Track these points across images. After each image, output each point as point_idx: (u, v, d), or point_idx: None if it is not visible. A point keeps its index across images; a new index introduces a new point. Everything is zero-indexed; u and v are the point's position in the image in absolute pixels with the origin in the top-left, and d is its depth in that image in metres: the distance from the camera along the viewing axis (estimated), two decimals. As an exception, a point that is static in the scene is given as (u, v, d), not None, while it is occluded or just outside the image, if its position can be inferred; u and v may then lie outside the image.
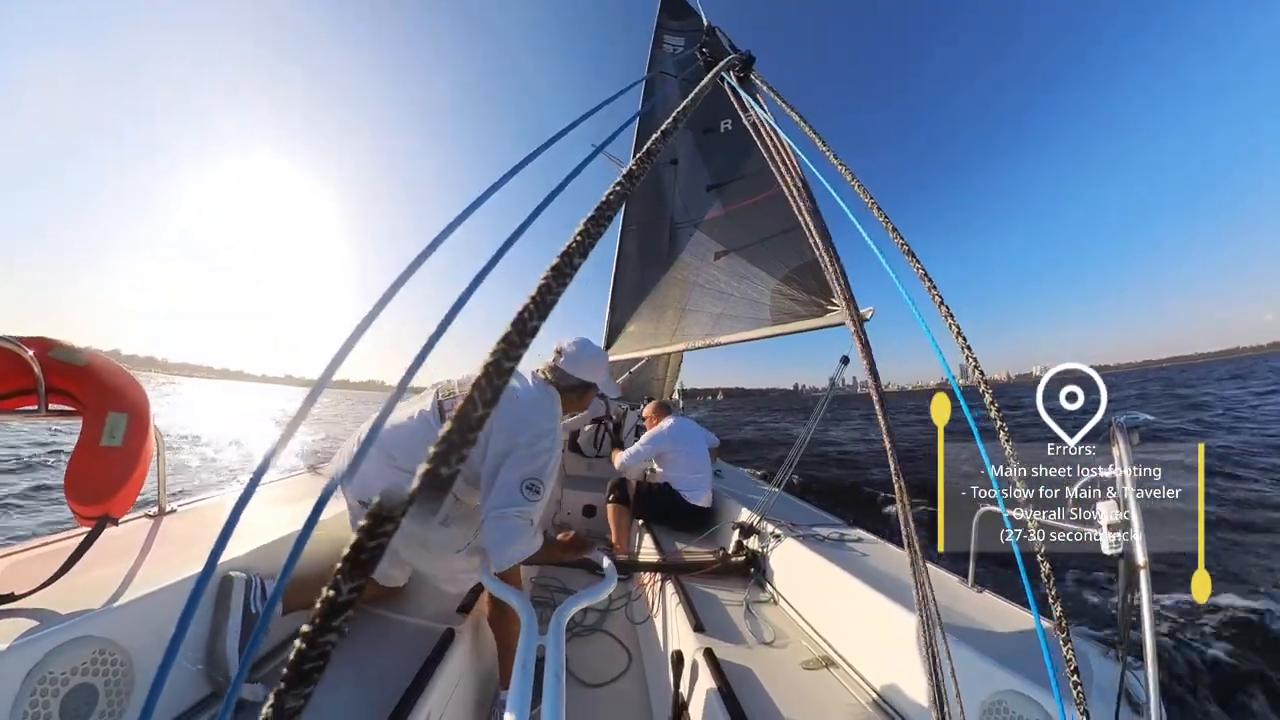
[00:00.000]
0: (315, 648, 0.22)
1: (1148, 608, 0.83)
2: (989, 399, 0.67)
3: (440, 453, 0.22)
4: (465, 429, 0.23)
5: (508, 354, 0.24)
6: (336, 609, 0.22)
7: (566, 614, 1.08)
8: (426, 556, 1.52)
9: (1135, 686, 0.97)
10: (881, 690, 1.39)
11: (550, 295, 0.27)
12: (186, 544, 1.46)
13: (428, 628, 1.52)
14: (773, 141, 1.12)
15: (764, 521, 2.31)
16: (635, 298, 5.44)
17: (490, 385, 0.23)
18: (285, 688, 0.22)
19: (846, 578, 1.71)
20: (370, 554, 0.23)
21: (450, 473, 0.22)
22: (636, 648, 2.04)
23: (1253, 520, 5.67)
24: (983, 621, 1.37)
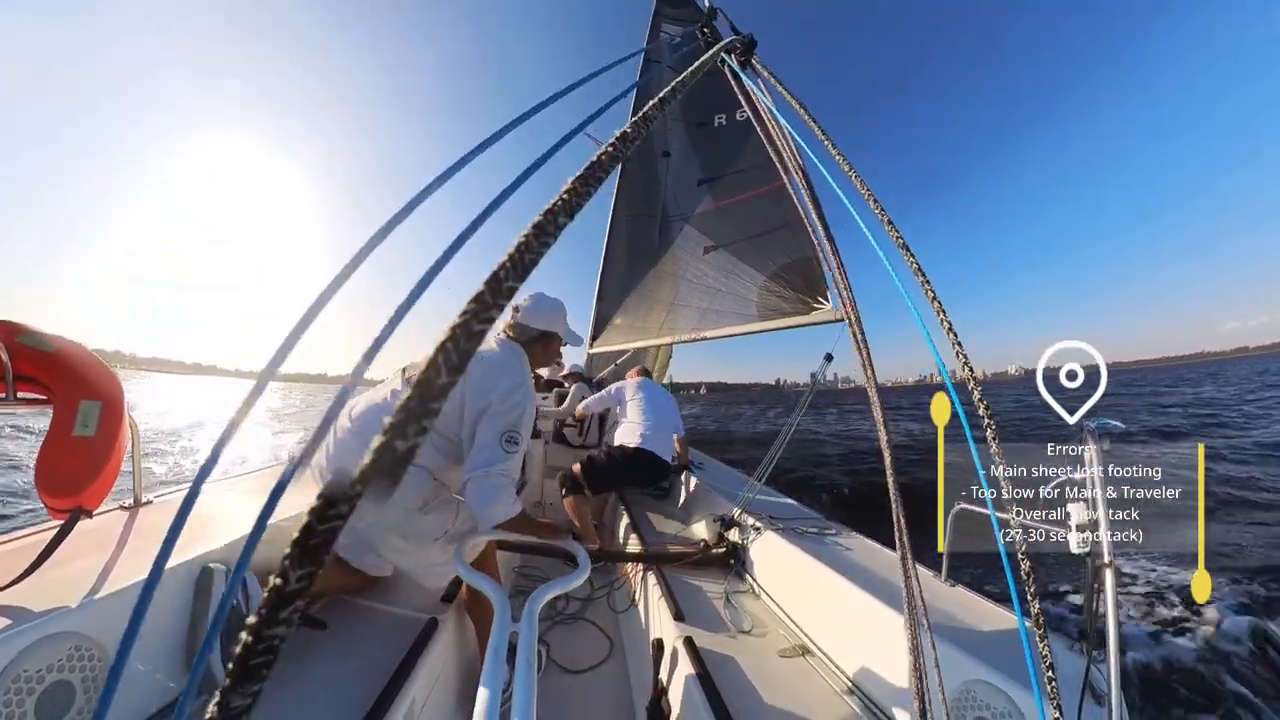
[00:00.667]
0: (262, 641, 0.20)
1: (1111, 604, 0.87)
2: (978, 397, 0.66)
3: (397, 423, 0.19)
4: (427, 397, 0.20)
5: (478, 315, 0.21)
6: (284, 599, 0.20)
7: (540, 601, 1.09)
8: (404, 548, 1.47)
9: (1098, 678, 1.00)
10: (855, 677, 1.43)
11: (530, 254, 0.24)
12: (164, 536, 1.42)
13: (411, 617, 1.50)
14: (773, 128, 1.09)
15: (745, 514, 2.34)
16: (623, 290, 5.39)
17: (457, 349, 0.20)
18: (231, 685, 0.20)
19: (824, 570, 1.75)
20: (321, 539, 0.20)
21: (408, 446, 0.19)
22: (618, 636, 2.06)
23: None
24: (955, 615, 1.41)
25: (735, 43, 1.04)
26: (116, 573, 1.17)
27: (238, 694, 0.20)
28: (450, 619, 1.55)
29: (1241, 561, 4.42)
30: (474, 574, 1.25)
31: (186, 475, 7.90)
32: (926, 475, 1.34)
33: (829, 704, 1.35)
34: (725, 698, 1.22)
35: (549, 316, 1.61)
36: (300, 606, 0.20)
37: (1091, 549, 0.94)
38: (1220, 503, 6.03)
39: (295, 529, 0.19)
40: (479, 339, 0.21)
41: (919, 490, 1.35)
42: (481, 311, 0.21)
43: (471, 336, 0.21)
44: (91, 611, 1.04)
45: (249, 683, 0.20)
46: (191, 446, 11.77)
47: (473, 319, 0.21)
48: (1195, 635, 3.23)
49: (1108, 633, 0.87)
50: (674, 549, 2.39)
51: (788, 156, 1.07)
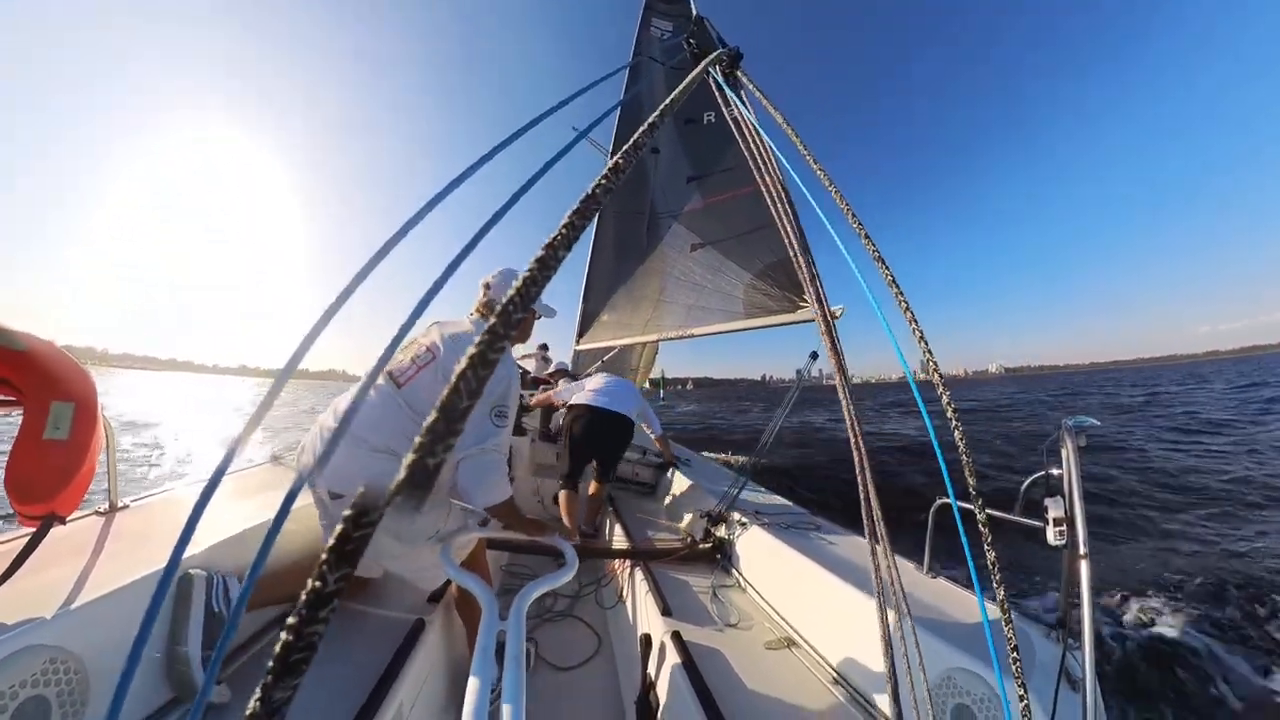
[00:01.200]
0: (302, 639, 0.22)
1: (1087, 594, 0.90)
2: (946, 399, 0.71)
3: (426, 443, 0.22)
4: (450, 419, 0.23)
5: (492, 345, 0.24)
6: (322, 600, 0.22)
7: (527, 599, 1.10)
8: (399, 551, 1.47)
9: (1074, 665, 1.04)
10: (839, 668, 1.46)
11: (534, 288, 0.27)
12: (141, 542, 1.39)
13: (399, 619, 1.51)
14: (754, 140, 1.13)
15: (731, 510, 2.39)
16: (609, 287, 5.41)
17: (475, 375, 0.24)
18: (273, 680, 0.22)
19: (808, 564, 1.79)
20: (356, 545, 0.23)
21: (436, 463, 0.22)
22: (606, 632, 2.09)
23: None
24: (935, 605, 1.46)
25: (721, 55, 1.08)
26: (93, 581, 1.14)
27: (279, 688, 0.22)
28: (438, 619, 1.55)
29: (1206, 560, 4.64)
30: (462, 573, 1.26)
31: (134, 477, 7.63)
32: (917, 475, 1.37)
33: (814, 694, 1.39)
34: (713, 690, 1.25)
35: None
36: (335, 606, 0.23)
37: (1068, 541, 0.97)
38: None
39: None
40: (494, 366, 0.24)
41: (915, 489, 1.41)
42: (495, 342, 0.24)
43: (487, 364, 0.24)
44: (67, 623, 1.02)
45: (290, 677, 0.22)
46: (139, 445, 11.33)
47: (487, 349, 0.24)
48: (1166, 625, 3.40)
49: (1083, 621, 0.90)
50: (661, 545, 2.42)
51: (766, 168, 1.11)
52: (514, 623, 0.99)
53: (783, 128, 0.94)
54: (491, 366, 0.24)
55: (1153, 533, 5.32)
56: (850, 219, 0.79)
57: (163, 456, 9.84)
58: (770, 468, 7.34)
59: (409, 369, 1.45)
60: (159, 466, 8.81)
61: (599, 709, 1.68)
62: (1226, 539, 5.01)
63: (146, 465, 8.87)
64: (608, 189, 0.36)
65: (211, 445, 11.67)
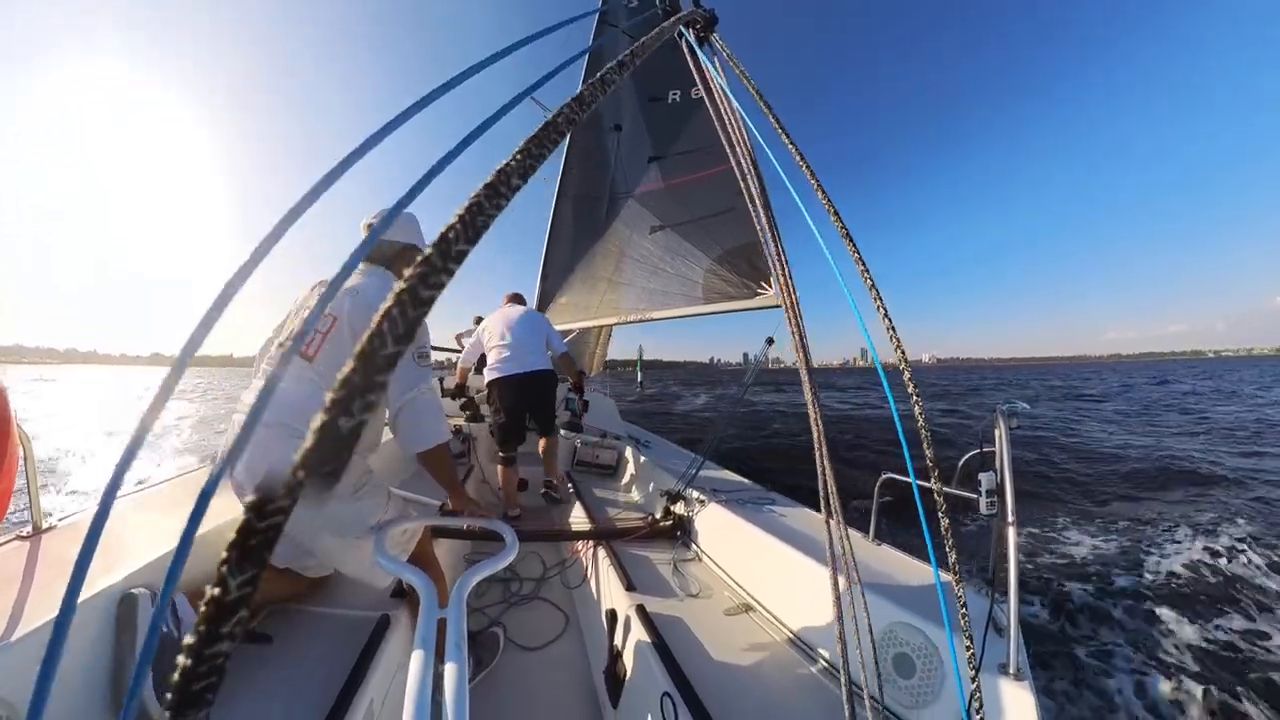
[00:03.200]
0: (203, 661, 0.18)
1: (1013, 554, 1.04)
2: (909, 382, 0.72)
3: (339, 399, 0.17)
4: (372, 369, 0.18)
5: (426, 280, 0.19)
6: (225, 610, 0.18)
7: (467, 585, 1.09)
8: (340, 545, 1.37)
9: (1000, 615, 1.17)
10: (793, 628, 1.57)
11: (481, 216, 0.22)
12: (76, 563, 1.21)
13: (361, 617, 1.45)
14: (725, 110, 1.09)
15: (690, 489, 2.44)
16: (568, 267, 5.27)
17: (404, 317, 0.19)
18: (173, 715, 0.18)
19: (762, 535, 1.89)
20: (262, 538, 0.18)
21: (352, 424, 0.17)
22: (573, 610, 2.12)
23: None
24: (879, 568, 1.58)
25: (696, 15, 1.02)
26: (26, 614, 1.02)
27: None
28: (403, 614, 1.50)
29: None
30: (397, 563, 1.22)
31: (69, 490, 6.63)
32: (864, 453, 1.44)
33: (772, 653, 1.48)
34: (677, 656, 1.31)
35: (406, 228, 1.57)
36: (244, 617, 0.18)
37: (998, 511, 1.08)
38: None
39: (225, 536, 0.17)
40: (428, 305, 0.19)
41: (864, 464, 1.50)
42: (430, 275, 0.19)
43: (420, 303, 0.19)
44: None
45: (193, 709, 0.18)
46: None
47: (420, 284, 0.19)
48: (1079, 579, 3.83)
49: (1009, 579, 1.04)
50: (623, 524, 2.45)
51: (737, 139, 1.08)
52: (454, 610, 0.98)
53: (756, 99, 0.91)
54: (425, 306, 0.19)
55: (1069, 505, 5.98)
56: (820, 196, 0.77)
57: (82, 466, 8.29)
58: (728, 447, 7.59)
59: (313, 338, 1.32)
60: (71, 476, 7.65)
61: (569, 683, 1.72)
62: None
63: (65, 478, 7.70)
64: (570, 119, 0.31)
65: (140, 448, 10.44)
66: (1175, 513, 5.48)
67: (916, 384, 0.73)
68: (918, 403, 0.70)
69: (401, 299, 0.19)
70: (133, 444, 0.32)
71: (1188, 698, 2.66)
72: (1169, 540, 4.68)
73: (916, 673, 1.23)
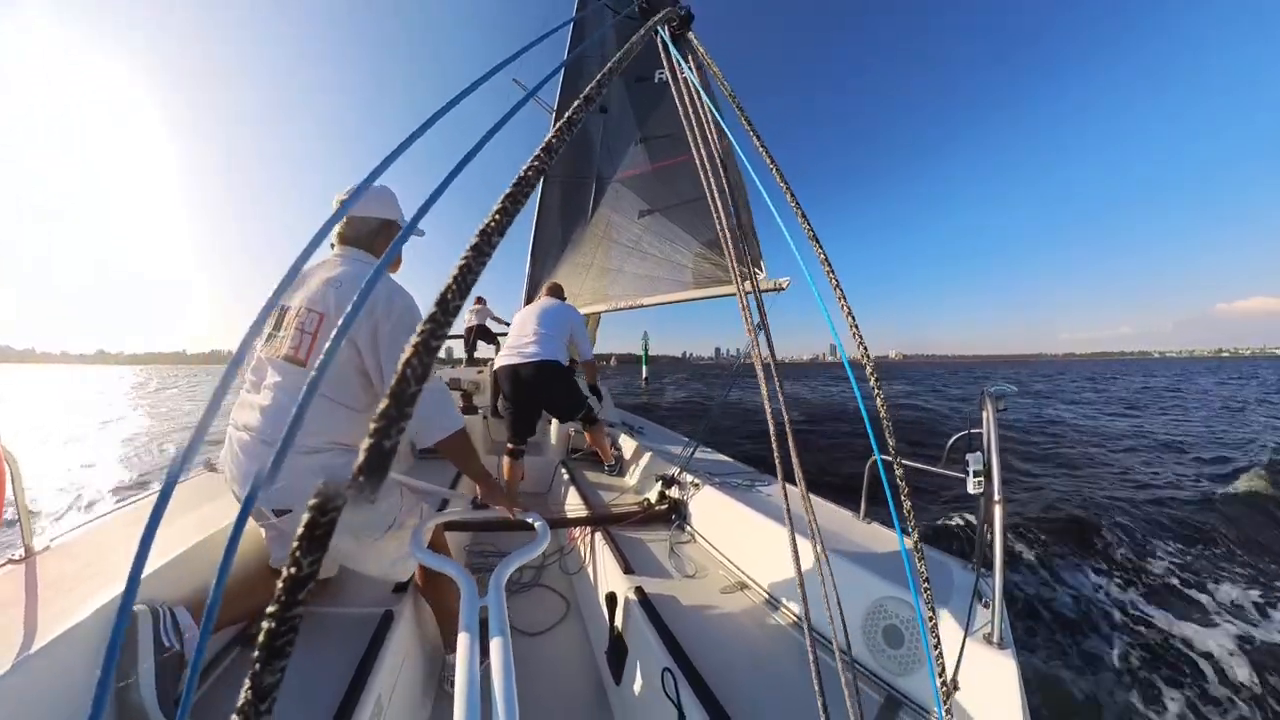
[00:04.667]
0: (284, 622, 0.24)
1: (999, 532, 1.08)
2: (872, 374, 0.79)
3: (380, 427, 0.24)
4: (402, 403, 0.24)
5: (434, 334, 0.25)
6: (299, 583, 0.24)
7: (504, 574, 1.12)
8: (356, 547, 1.38)
9: (986, 590, 1.23)
10: (786, 603, 1.65)
11: (470, 274, 0.28)
12: (73, 587, 1.21)
13: (365, 614, 1.47)
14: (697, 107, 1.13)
15: (684, 473, 2.52)
16: (557, 255, 5.26)
17: (421, 363, 0.25)
18: (261, 666, 0.23)
19: (755, 516, 1.96)
20: (324, 529, 0.24)
21: (391, 444, 0.24)
22: (573, 596, 2.19)
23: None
24: (869, 545, 1.65)
25: (672, 14, 1.04)
26: (16, 642, 0.98)
27: (268, 672, 0.23)
28: (406, 608, 1.54)
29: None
30: (435, 557, 1.25)
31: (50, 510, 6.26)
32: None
33: (765, 627, 1.56)
34: (675, 634, 1.36)
35: (382, 200, 1.46)
36: (313, 588, 0.24)
37: (985, 490, 1.11)
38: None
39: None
40: (435, 352, 0.26)
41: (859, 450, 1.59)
42: (436, 330, 0.26)
43: (430, 351, 0.25)
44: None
45: (277, 660, 0.23)
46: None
47: (430, 337, 0.25)
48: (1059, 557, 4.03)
49: (995, 554, 1.08)
50: (619, 510, 2.52)
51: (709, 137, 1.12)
52: (494, 598, 1.01)
53: (728, 98, 0.95)
54: (434, 353, 0.25)
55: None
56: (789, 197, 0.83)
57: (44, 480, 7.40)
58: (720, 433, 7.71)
59: (302, 340, 1.26)
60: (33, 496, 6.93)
61: (573, 665, 1.79)
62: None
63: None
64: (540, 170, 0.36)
65: (111, 454, 9.25)
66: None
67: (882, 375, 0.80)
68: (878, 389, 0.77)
69: (418, 348, 0.25)
70: (190, 446, 0.36)
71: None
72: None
73: (905, 642, 1.30)
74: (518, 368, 2.78)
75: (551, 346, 2.81)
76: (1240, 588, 3.59)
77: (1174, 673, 2.73)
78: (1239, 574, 3.87)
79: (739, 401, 11.92)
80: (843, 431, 9.90)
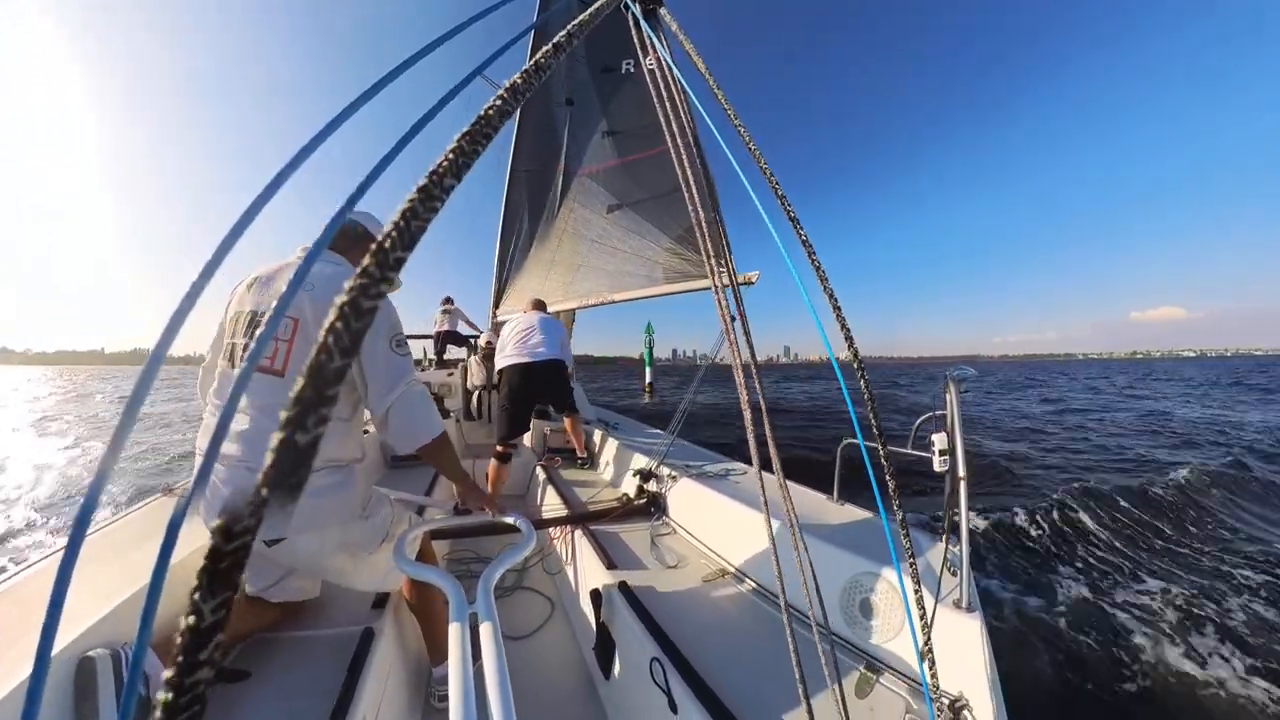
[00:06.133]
0: (185, 692, 0.18)
1: (964, 506, 1.14)
2: (859, 370, 0.77)
3: (293, 416, 0.18)
4: (321, 384, 0.18)
5: (367, 291, 0.19)
6: (202, 637, 0.18)
7: (493, 578, 1.10)
8: (354, 563, 1.33)
9: (954, 559, 1.30)
10: (766, 585, 1.68)
11: (416, 221, 0.22)
12: (22, 633, 1.06)
13: (344, 634, 1.40)
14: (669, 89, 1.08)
15: (662, 466, 2.51)
16: (525, 251, 5.13)
17: (348, 330, 0.19)
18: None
19: (732, 504, 1.99)
20: (231, 560, 0.18)
21: (309, 439, 0.18)
22: (557, 596, 2.17)
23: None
24: (843, 525, 1.71)
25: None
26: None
27: None
28: (387, 624, 1.47)
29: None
30: (419, 566, 1.21)
31: None
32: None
33: (749, 610, 1.58)
34: (661, 624, 1.37)
35: (366, 212, 1.49)
36: (221, 642, 0.18)
37: (950, 467, 1.17)
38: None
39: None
40: (370, 316, 0.19)
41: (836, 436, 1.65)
42: (370, 287, 0.20)
43: (361, 315, 0.19)
44: None
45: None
46: None
47: (361, 295, 0.19)
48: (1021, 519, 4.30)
49: (961, 525, 1.16)
50: (599, 507, 2.50)
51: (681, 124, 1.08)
52: (483, 604, 0.98)
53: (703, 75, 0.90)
54: (368, 317, 0.19)
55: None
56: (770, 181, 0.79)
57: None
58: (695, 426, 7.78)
59: (277, 349, 1.17)
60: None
61: (561, 664, 1.78)
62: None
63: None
64: (503, 112, 0.30)
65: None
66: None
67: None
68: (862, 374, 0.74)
69: (344, 312, 0.19)
70: (91, 494, 0.28)
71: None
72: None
73: (880, 613, 1.35)
74: (531, 365, 3.02)
75: (557, 349, 3.15)
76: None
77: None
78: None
79: (710, 402, 12.08)
80: (799, 424, 10.84)
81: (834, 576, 1.46)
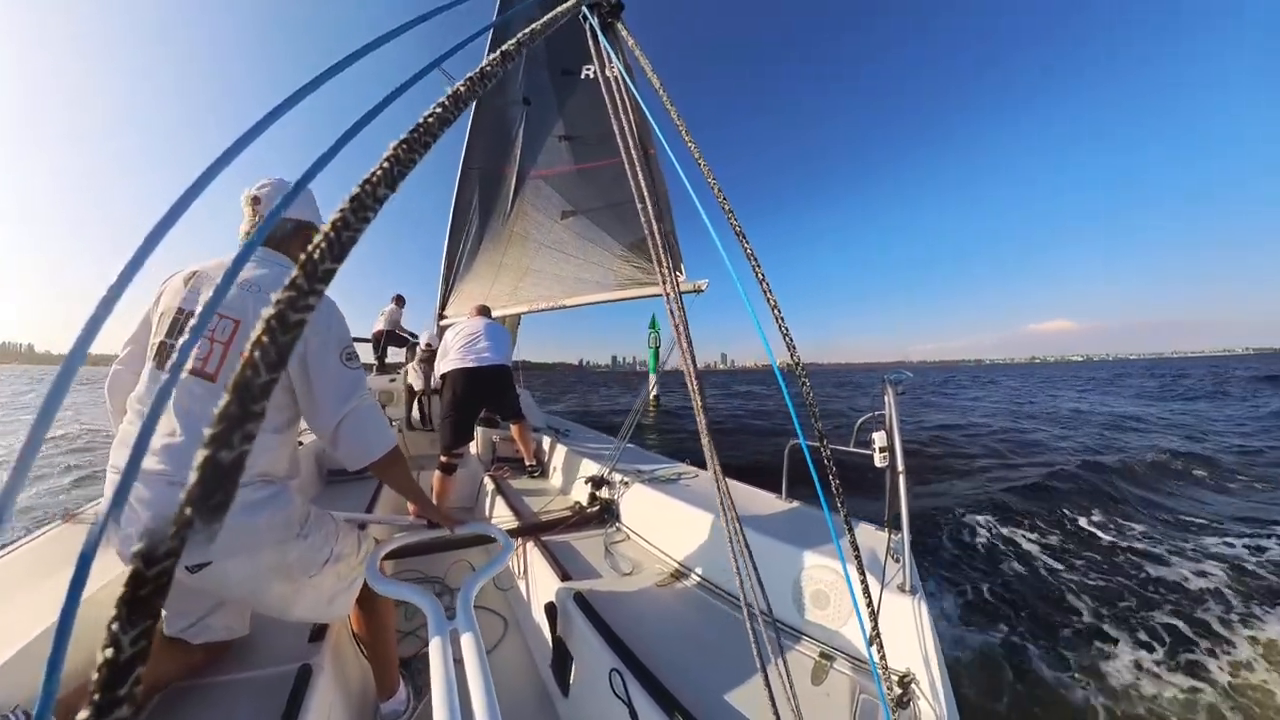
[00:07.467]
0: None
1: (904, 498, 1.24)
2: (802, 375, 0.82)
3: (218, 433, 0.17)
4: (247, 400, 0.17)
5: (295, 304, 0.19)
6: (120, 672, 0.16)
7: (471, 594, 1.07)
8: (293, 589, 1.18)
9: (897, 548, 1.38)
10: (721, 585, 1.71)
11: (348, 232, 0.21)
12: None
13: (277, 674, 1.27)
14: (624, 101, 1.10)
15: (613, 473, 2.50)
16: (474, 253, 4.97)
17: (275, 344, 0.18)
18: None
19: (684, 507, 2.02)
20: (154, 585, 0.17)
21: (234, 456, 0.17)
22: (510, 612, 2.10)
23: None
24: (792, 521, 1.77)
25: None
26: None
27: None
28: (325, 658, 1.33)
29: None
30: (393, 584, 1.15)
31: None
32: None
33: (704, 611, 1.60)
34: (619, 633, 1.35)
35: (300, 202, 1.33)
36: (140, 675, 0.17)
37: (890, 463, 1.25)
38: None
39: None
40: (298, 330, 0.19)
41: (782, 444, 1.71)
42: (299, 299, 0.19)
43: (289, 328, 0.18)
44: None
45: None
46: None
47: (289, 309, 0.19)
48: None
49: (902, 517, 1.25)
50: (552, 516, 2.45)
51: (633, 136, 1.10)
52: (464, 619, 0.95)
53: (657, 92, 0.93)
54: (295, 330, 0.19)
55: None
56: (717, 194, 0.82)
57: None
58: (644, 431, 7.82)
59: (211, 351, 1.07)
60: None
61: (517, 684, 1.72)
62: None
63: None
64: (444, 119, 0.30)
65: None
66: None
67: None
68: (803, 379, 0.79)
69: (271, 325, 0.18)
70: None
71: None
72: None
73: (831, 602, 1.43)
74: (477, 369, 2.93)
75: (503, 354, 3.10)
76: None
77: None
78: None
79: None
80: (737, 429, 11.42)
81: (786, 571, 1.51)
